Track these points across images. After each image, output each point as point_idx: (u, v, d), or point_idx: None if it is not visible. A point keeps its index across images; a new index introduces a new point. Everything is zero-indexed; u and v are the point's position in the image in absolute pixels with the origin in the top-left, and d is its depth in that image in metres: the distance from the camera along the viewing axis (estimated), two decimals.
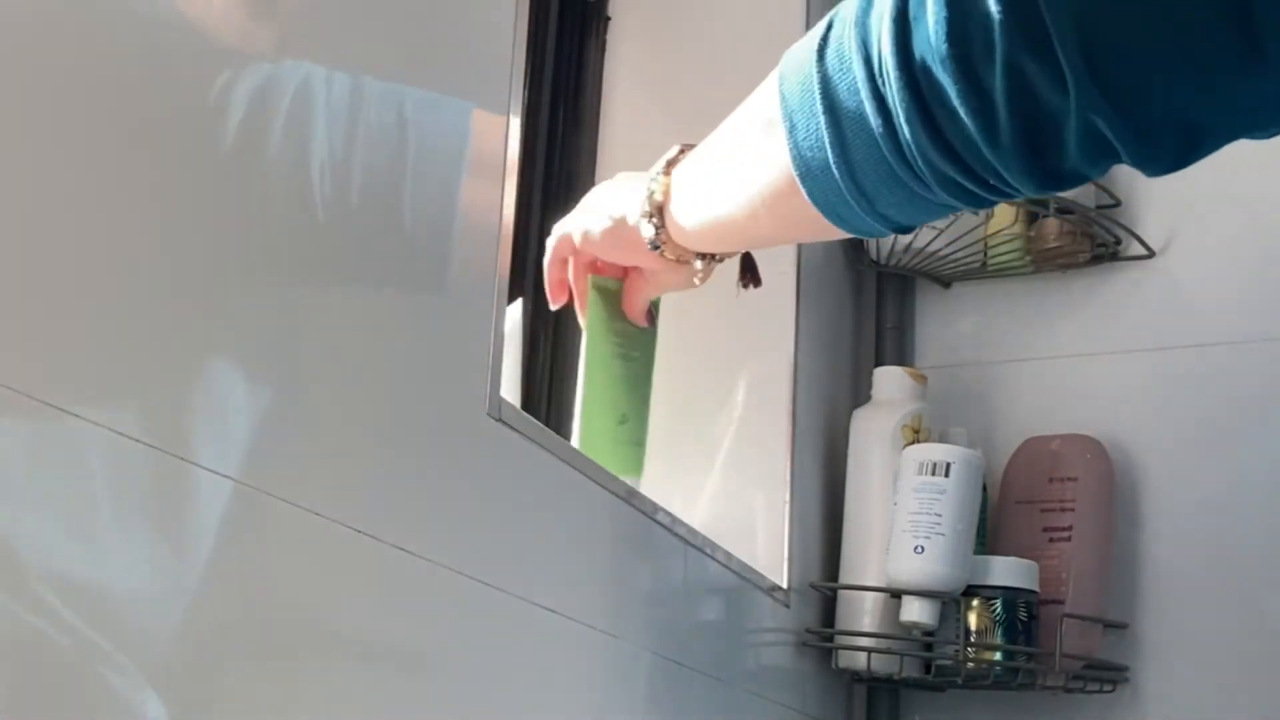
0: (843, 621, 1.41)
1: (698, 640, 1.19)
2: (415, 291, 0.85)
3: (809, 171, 0.71)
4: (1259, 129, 0.64)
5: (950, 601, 1.36)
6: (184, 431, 0.67)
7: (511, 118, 0.95)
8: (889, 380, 1.47)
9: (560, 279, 1.01)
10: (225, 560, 0.69)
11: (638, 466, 1.06)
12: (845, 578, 1.42)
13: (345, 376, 0.78)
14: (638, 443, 1.06)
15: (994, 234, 1.49)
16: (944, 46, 0.61)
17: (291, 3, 0.76)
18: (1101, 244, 1.53)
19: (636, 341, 1.07)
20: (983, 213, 1.48)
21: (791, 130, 0.71)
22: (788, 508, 1.36)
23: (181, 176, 0.68)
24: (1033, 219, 1.50)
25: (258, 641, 0.71)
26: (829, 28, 0.70)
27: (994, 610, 1.37)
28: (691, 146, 0.89)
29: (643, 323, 1.03)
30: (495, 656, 0.90)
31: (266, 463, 0.71)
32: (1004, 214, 1.48)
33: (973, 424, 1.50)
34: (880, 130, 0.65)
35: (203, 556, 0.68)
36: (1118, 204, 1.55)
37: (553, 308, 1.03)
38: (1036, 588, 1.39)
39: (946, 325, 1.61)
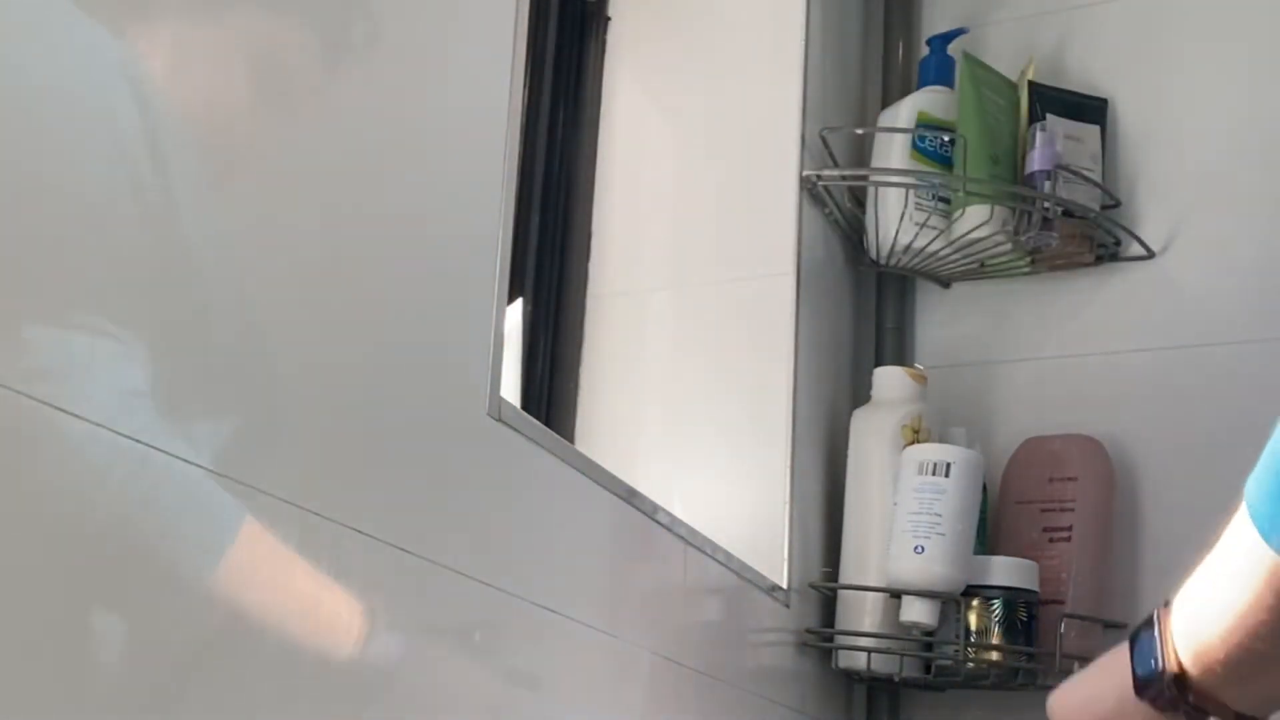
0: (843, 621, 1.41)
1: (698, 640, 1.19)
2: (415, 291, 0.85)
3: None
4: None
5: (950, 601, 1.36)
6: (178, 430, 0.67)
7: (511, 118, 0.95)
8: (889, 380, 1.47)
9: None
10: (219, 560, 0.69)
11: None
12: (845, 578, 1.42)
13: (346, 376, 0.78)
14: None
15: (973, 232, 1.48)
16: None
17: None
18: (1102, 245, 1.53)
19: None
20: (956, 213, 1.48)
21: None
22: (788, 508, 1.36)
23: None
24: (1024, 218, 1.49)
25: (255, 641, 0.71)
26: None
27: (994, 610, 1.37)
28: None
29: None
30: (495, 656, 0.90)
31: (264, 462, 0.71)
32: (976, 213, 1.48)
33: (973, 424, 1.50)
34: None
35: (194, 557, 0.68)
36: (1118, 205, 1.55)
37: None
38: (1036, 588, 1.39)
39: (946, 325, 1.61)
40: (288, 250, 0.75)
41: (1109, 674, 0.85)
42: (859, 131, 1.56)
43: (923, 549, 1.34)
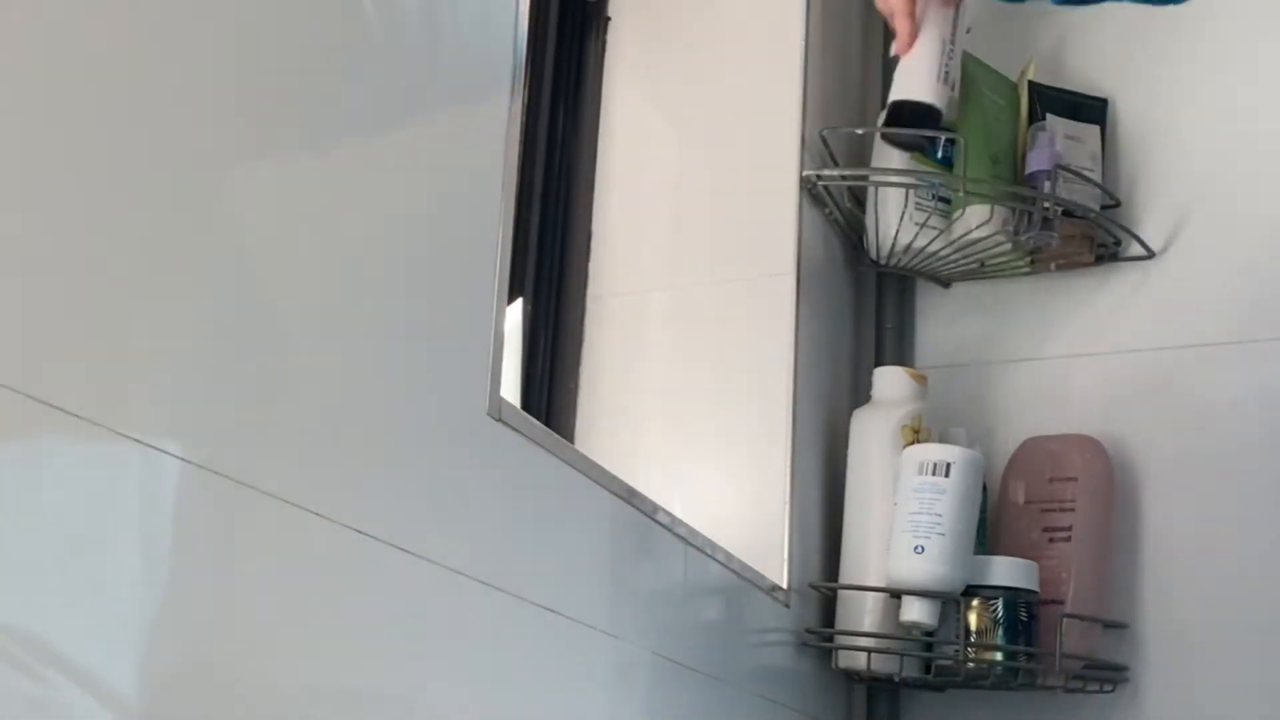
0: (843, 621, 1.41)
1: (698, 640, 1.19)
2: (415, 291, 0.85)
3: None
4: None
5: (950, 601, 1.36)
6: (178, 429, 0.67)
7: (512, 117, 0.95)
8: (889, 380, 1.47)
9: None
10: (220, 560, 0.69)
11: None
12: (845, 578, 1.42)
13: (345, 376, 0.78)
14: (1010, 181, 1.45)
15: (973, 232, 1.48)
16: None
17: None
18: (1102, 245, 1.53)
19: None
20: (957, 214, 1.48)
21: None
22: (788, 508, 1.36)
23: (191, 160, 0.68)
24: (1024, 218, 1.49)
25: (250, 641, 0.71)
26: None
27: (994, 610, 1.37)
28: None
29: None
30: (495, 656, 0.90)
31: (265, 462, 0.71)
32: (976, 213, 1.48)
33: (973, 424, 1.50)
34: None
35: (194, 556, 0.68)
36: (1118, 205, 1.55)
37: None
38: (1036, 588, 1.39)
39: (946, 325, 1.61)
40: (287, 251, 0.75)
41: None
42: (859, 131, 1.56)
43: (923, 549, 1.34)
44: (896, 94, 1.32)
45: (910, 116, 1.32)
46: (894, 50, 1.32)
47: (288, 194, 0.75)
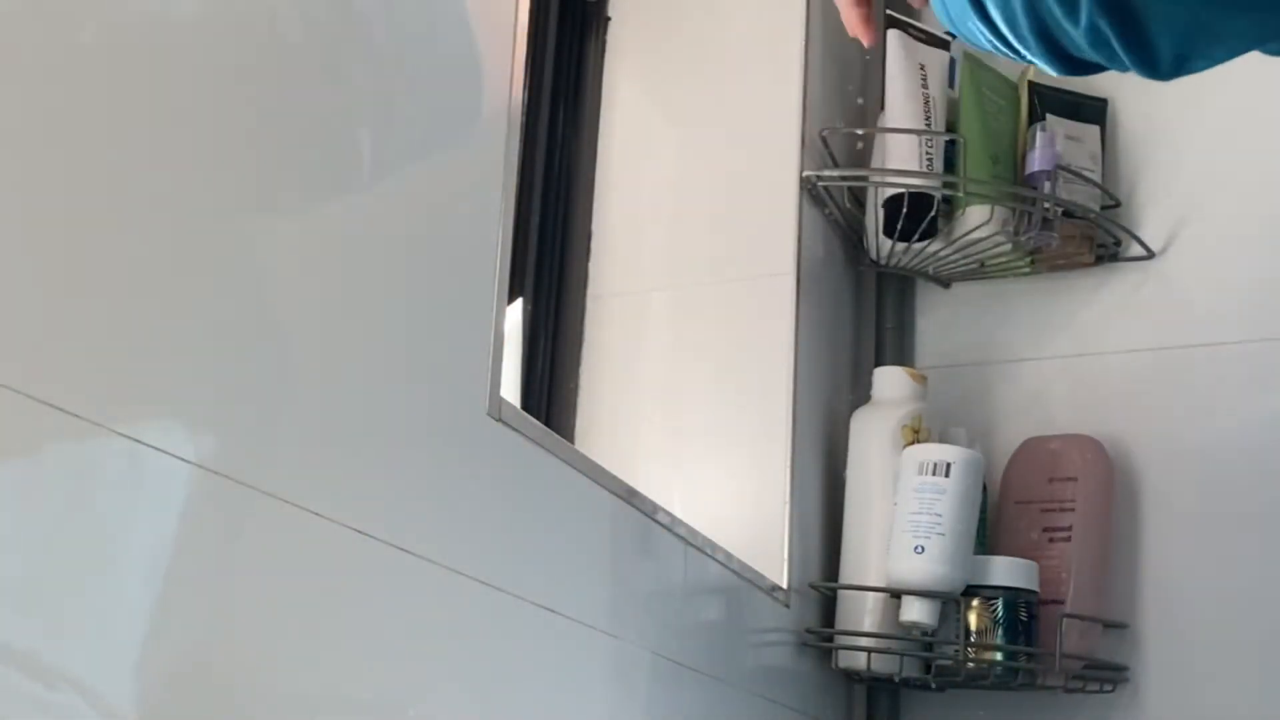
0: (843, 621, 1.41)
1: (698, 640, 1.19)
2: (415, 291, 0.85)
3: None
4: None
5: (950, 601, 1.36)
6: (179, 429, 0.67)
7: (512, 118, 0.95)
8: (889, 380, 1.47)
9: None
10: (220, 560, 0.69)
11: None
12: (845, 578, 1.42)
13: (345, 376, 0.78)
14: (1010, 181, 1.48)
15: (974, 233, 1.48)
16: None
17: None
18: (1102, 245, 1.53)
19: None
20: (957, 214, 1.48)
21: None
22: (788, 508, 1.36)
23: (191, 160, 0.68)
24: (1024, 218, 1.49)
25: (251, 641, 0.71)
26: None
27: (994, 610, 1.37)
28: None
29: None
30: (495, 657, 0.90)
31: (265, 462, 0.71)
32: (976, 213, 1.48)
33: (973, 424, 1.50)
34: None
35: (194, 556, 0.68)
36: (1118, 205, 1.55)
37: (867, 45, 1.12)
38: (1036, 588, 1.39)
39: (946, 325, 1.61)
40: (288, 251, 0.75)
41: None
42: (859, 132, 1.56)
43: (923, 549, 1.34)
44: (888, 191, 1.43)
45: (902, 206, 1.41)
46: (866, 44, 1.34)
47: (289, 196, 0.75)
